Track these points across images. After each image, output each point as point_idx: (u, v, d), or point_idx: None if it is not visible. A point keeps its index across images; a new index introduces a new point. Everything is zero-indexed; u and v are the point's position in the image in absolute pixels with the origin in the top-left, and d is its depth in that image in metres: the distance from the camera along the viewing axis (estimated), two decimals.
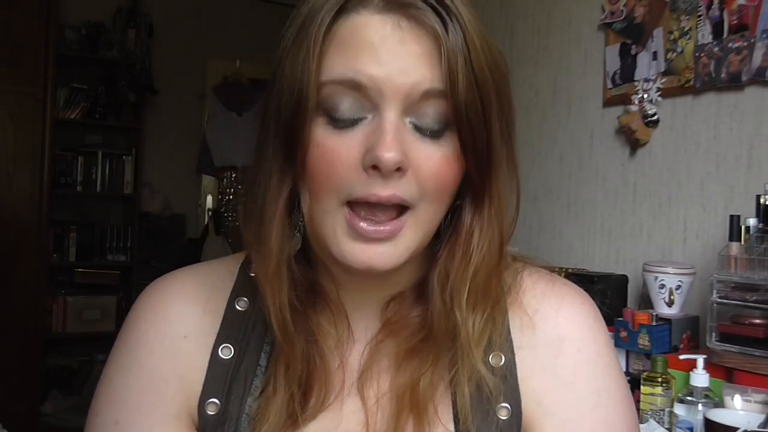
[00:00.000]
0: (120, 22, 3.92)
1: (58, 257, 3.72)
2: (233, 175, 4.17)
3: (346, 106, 0.54)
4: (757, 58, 1.58)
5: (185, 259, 3.76)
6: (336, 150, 0.54)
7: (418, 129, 0.55)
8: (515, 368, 0.62)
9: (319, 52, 0.54)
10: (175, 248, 4.08)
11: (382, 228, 0.55)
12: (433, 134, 0.55)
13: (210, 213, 4.30)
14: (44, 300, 3.55)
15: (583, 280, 1.77)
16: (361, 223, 0.55)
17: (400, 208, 0.56)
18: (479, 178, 0.58)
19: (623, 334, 1.55)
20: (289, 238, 0.59)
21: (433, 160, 0.55)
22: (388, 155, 0.52)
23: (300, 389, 0.59)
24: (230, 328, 0.63)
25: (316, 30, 0.54)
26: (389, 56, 0.53)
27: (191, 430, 0.61)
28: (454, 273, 0.59)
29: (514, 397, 0.61)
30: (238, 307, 0.64)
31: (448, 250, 0.60)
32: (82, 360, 3.75)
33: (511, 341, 0.63)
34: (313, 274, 0.63)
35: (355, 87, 0.53)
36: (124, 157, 3.93)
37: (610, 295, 1.75)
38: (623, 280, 1.81)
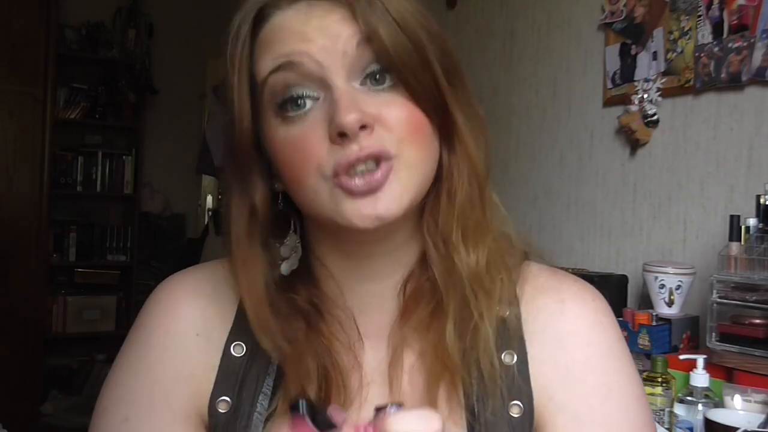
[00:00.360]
0: (120, 22, 3.92)
1: (58, 257, 3.72)
2: None
3: (293, 93, 0.56)
4: (757, 58, 1.58)
5: (185, 259, 3.76)
6: (300, 135, 0.55)
7: (368, 84, 0.56)
8: (527, 366, 0.62)
9: (248, 58, 0.57)
10: (175, 248, 4.09)
11: (373, 176, 0.54)
12: (384, 81, 0.56)
13: (210, 213, 4.30)
14: (44, 300, 3.55)
15: (583, 280, 1.77)
16: (353, 182, 0.54)
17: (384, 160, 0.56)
18: (440, 120, 0.59)
19: (623, 334, 1.55)
20: (265, 258, 0.60)
21: (394, 107, 0.56)
22: (348, 117, 0.53)
23: (316, 395, 0.58)
24: (242, 326, 0.62)
25: (241, 44, 0.58)
26: (313, 31, 0.55)
27: (201, 430, 0.61)
28: (442, 215, 0.60)
29: (526, 394, 0.61)
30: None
31: (433, 197, 0.61)
32: (82, 360, 3.75)
33: (522, 338, 0.63)
34: (314, 288, 0.63)
35: (293, 68, 0.55)
36: (124, 157, 3.93)
37: (618, 295, 1.75)
38: (623, 280, 1.81)
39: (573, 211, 2.11)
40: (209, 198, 4.39)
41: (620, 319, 1.57)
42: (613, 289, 1.78)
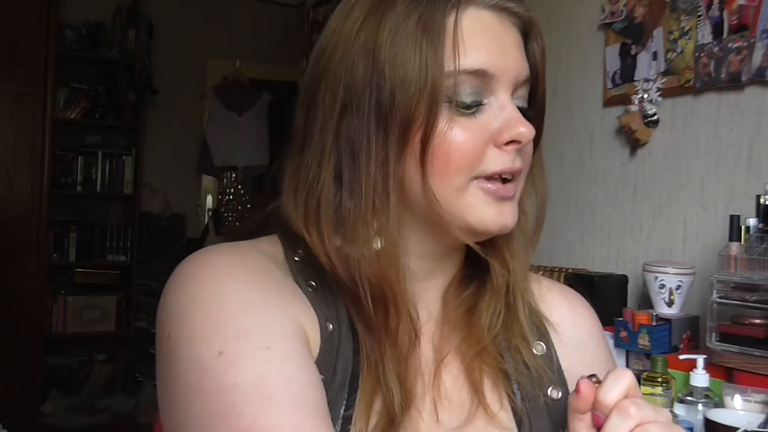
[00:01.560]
0: (120, 22, 3.92)
1: (58, 257, 3.72)
2: (233, 175, 4.17)
3: (468, 91, 0.59)
4: (757, 58, 1.58)
5: None
6: (466, 132, 0.59)
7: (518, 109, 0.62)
8: (556, 355, 0.68)
9: (442, 42, 0.58)
10: (175, 248, 4.08)
11: (507, 187, 0.61)
12: (524, 114, 0.62)
13: (210, 213, 4.30)
14: (44, 300, 3.55)
15: (583, 280, 1.77)
16: (497, 188, 0.60)
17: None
18: (535, 152, 0.66)
19: (623, 334, 1.55)
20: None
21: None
22: (526, 130, 0.59)
23: (395, 389, 0.59)
24: (317, 304, 0.59)
25: (447, 22, 0.58)
26: (506, 48, 0.60)
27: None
28: (514, 233, 0.66)
29: (560, 380, 0.67)
30: (310, 289, 0.60)
31: None
32: (82, 360, 3.75)
33: (546, 330, 0.69)
34: None
35: (483, 76, 0.59)
36: (124, 157, 3.93)
37: (618, 295, 1.74)
38: (623, 280, 1.81)
39: (573, 211, 2.11)
40: (209, 198, 4.39)
41: (620, 319, 1.57)
42: (613, 289, 1.78)
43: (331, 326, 0.59)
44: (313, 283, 0.61)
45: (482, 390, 0.63)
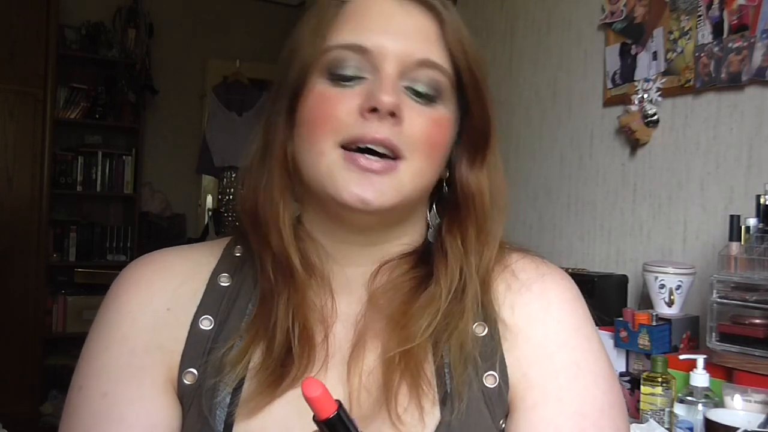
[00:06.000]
0: (120, 22, 3.92)
1: (58, 257, 3.73)
2: (233, 175, 4.17)
3: (348, 65, 0.61)
4: (757, 58, 1.58)
5: None
6: (336, 97, 0.60)
7: (411, 92, 0.61)
8: (499, 337, 0.64)
9: (329, 23, 0.62)
10: None
11: (377, 161, 0.59)
12: (425, 99, 0.62)
13: (210, 213, 4.30)
14: (44, 300, 3.56)
15: (583, 280, 1.77)
16: (358, 157, 0.59)
17: (394, 157, 0.60)
18: (482, 141, 0.66)
19: (623, 334, 1.55)
20: (289, 196, 0.64)
21: (424, 118, 0.61)
22: (387, 98, 0.58)
23: (279, 355, 0.60)
24: (211, 301, 0.65)
25: (329, 5, 0.63)
26: (393, 26, 0.61)
27: (176, 399, 0.62)
28: (461, 224, 0.65)
29: (500, 365, 0.63)
30: (220, 283, 0.66)
31: (452, 208, 0.67)
32: None
33: (494, 313, 0.65)
34: (303, 247, 0.65)
35: (360, 51, 0.60)
36: (124, 157, 3.93)
37: (618, 295, 1.74)
38: (623, 280, 1.81)
39: (573, 211, 2.11)
40: (209, 198, 4.39)
41: (620, 319, 1.57)
42: (613, 289, 1.78)
43: (212, 320, 0.64)
44: (228, 275, 0.67)
45: (393, 392, 0.59)
